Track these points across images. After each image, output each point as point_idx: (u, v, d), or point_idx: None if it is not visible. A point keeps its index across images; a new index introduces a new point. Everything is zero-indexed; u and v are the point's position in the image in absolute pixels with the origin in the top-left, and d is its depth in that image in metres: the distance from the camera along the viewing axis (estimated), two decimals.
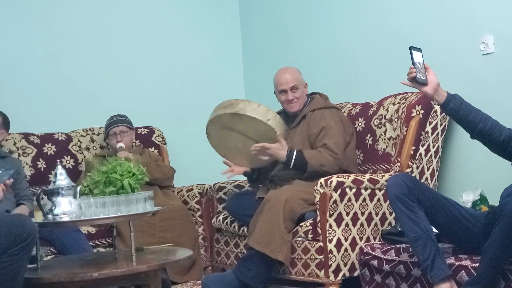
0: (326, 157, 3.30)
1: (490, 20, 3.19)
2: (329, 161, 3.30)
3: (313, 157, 3.31)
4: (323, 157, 3.31)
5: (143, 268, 2.60)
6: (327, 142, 3.34)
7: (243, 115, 3.30)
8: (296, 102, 3.51)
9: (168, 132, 4.50)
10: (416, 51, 2.47)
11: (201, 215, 3.99)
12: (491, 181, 3.04)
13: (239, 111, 3.30)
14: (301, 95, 3.51)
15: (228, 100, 3.38)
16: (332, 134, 3.36)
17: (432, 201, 2.54)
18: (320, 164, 3.29)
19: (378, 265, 2.88)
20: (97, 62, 4.44)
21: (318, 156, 3.31)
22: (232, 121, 3.35)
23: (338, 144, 3.34)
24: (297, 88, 3.50)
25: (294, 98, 3.50)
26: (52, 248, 3.41)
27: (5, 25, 4.19)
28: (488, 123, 2.45)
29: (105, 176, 2.73)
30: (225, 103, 3.38)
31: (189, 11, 4.80)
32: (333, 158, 3.30)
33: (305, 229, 3.16)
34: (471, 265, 2.46)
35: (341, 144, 3.37)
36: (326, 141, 3.34)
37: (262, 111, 3.31)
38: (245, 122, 3.33)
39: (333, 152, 3.31)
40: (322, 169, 3.29)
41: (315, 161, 3.30)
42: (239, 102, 3.33)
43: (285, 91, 3.50)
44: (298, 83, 3.50)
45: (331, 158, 3.30)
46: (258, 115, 3.29)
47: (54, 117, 4.26)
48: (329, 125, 3.38)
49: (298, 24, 4.42)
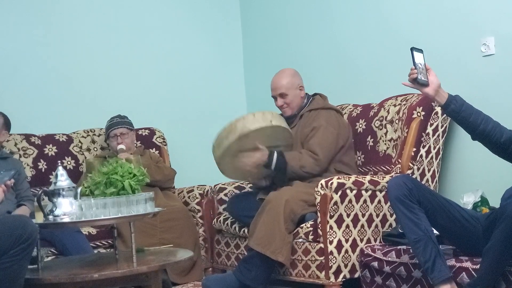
0: (306, 158, 3.31)
1: (491, 21, 3.19)
2: (309, 162, 3.30)
3: (293, 159, 3.32)
4: (303, 158, 3.32)
5: (143, 269, 2.60)
6: (311, 142, 3.34)
7: (249, 133, 3.28)
8: (286, 107, 3.52)
9: (168, 133, 4.50)
10: (417, 52, 2.47)
11: (201, 216, 3.99)
12: (492, 183, 3.04)
13: (243, 132, 3.26)
14: (292, 99, 3.50)
15: (223, 130, 3.31)
16: (319, 135, 3.35)
17: (432, 203, 2.54)
18: (300, 166, 3.31)
19: (378, 266, 2.88)
20: (98, 63, 4.44)
21: (298, 158, 3.32)
22: (240, 145, 3.31)
23: (322, 145, 3.33)
24: (286, 94, 3.49)
25: (284, 104, 3.51)
26: (53, 249, 3.41)
27: (6, 26, 4.19)
28: (489, 124, 2.45)
29: (106, 177, 2.73)
30: (223, 134, 3.31)
31: (190, 12, 4.80)
32: (313, 159, 3.31)
33: (306, 230, 3.16)
34: (471, 266, 2.46)
35: (327, 146, 3.35)
36: (311, 141, 3.35)
37: (260, 118, 3.30)
38: (252, 137, 3.30)
39: (313, 153, 3.31)
40: (302, 170, 3.30)
41: (294, 162, 3.31)
42: (235, 123, 3.28)
43: (275, 97, 3.52)
44: (287, 89, 3.49)
45: (311, 159, 3.31)
46: (260, 123, 3.29)
47: (55, 118, 4.26)
48: (319, 126, 3.37)
49: (299, 25, 4.42)
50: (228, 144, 3.30)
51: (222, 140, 3.32)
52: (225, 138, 3.30)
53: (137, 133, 4.25)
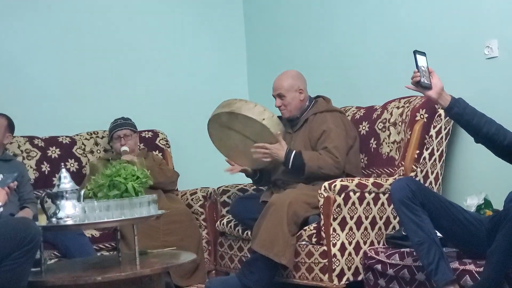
0: (326, 160, 3.30)
1: (495, 24, 3.19)
2: (329, 163, 3.29)
3: (311, 159, 3.31)
4: (322, 159, 3.30)
5: (146, 271, 2.60)
6: (328, 145, 3.33)
7: (239, 114, 3.32)
8: (284, 109, 3.52)
9: (172, 136, 4.50)
10: (420, 55, 2.47)
11: (205, 218, 3.99)
12: (496, 185, 3.03)
13: (235, 110, 3.33)
14: (290, 102, 3.50)
15: (227, 100, 3.43)
16: (333, 138, 3.35)
17: (436, 205, 2.53)
18: (319, 166, 3.29)
19: (382, 269, 2.87)
20: (101, 65, 4.45)
21: (317, 158, 3.31)
22: (229, 120, 3.38)
23: (339, 148, 3.34)
24: (284, 95, 3.50)
25: (282, 105, 3.52)
26: (56, 252, 3.42)
27: (10, 29, 4.20)
28: (492, 127, 2.45)
29: (109, 180, 2.73)
30: (224, 102, 3.43)
31: (194, 14, 4.81)
32: (333, 161, 3.30)
33: (309, 233, 3.16)
34: (475, 269, 2.45)
35: (342, 148, 3.36)
36: (326, 144, 3.34)
37: (258, 111, 3.32)
38: (241, 122, 3.35)
39: (333, 155, 3.31)
40: (320, 171, 3.29)
41: (313, 162, 3.30)
42: (237, 101, 3.37)
43: (275, 97, 3.54)
44: (285, 91, 3.49)
45: (331, 161, 3.30)
46: (254, 114, 3.31)
47: (58, 120, 4.27)
48: (330, 129, 3.37)
49: (302, 27, 4.42)
50: (219, 111, 3.41)
51: (219, 107, 3.45)
52: (221, 106, 3.43)
53: (140, 135, 4.25)
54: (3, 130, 3.68)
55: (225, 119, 3.39)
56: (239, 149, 3.51)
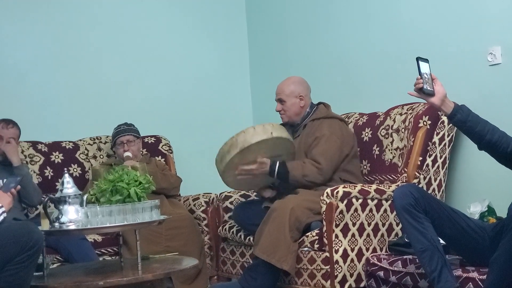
0: (309, 168, 3.32)
1: (498, 31, 3.19)
2: (312, 171, 3.31)
3: (295, 168, 3.34)
4: (306, 167, 3.32)
5: (148, 277, 2.60)
6: (314, 152, 3.35)
7: (250, 146, 3.29)
8: (283, 114, 3.55)
9: (174, 141, 4.50)
10: (423, 62, 2.47)
11: (207, 224, 3.98)
12: (499, 193, 3.03)
13: (244, 145, 3.29)
14: (289, 107, 3.52)
15: (225, 144, 3.35)
16: (322, 144, 3.36)
17: (439, 212, 2.53)
18: (303, 175, 3.32)
19: (384, 276, 2.87)
20: (104, 71, 4.46)
21: (301, 167, 3.33)
22: (242, 158, 3.33)
23: (326, 154, 3.34)
24: (284, 101, 3.52)
25: (281, 110, 3.55)
26: (58, 256, 3.42)
27: (14, 34, 4.22)
28: (495, 134, 2.45)
29: (112, 185, 2.73)
30: (225, 148, 3.35)
31: (196, 21, 4.82)
32: (316, 168, 3.31)
33: (311, 239, 3.15)
34: (478, 277, 2.44)
35: (331, 155, 3.35)
36: (314, 151, 3.36)
37: (260, 130, 3.31)
38: (254, 150, 3.32)
39: (316, 162, 3.32)
40: (305, 179, 3.31)
41: (296, 171, 3.32)
42: (236, 137, 3.31)
43: (276, 102, 3.56)
44: (286, 96, 3.51)
45: (314, 168, 3.31)
46: (261, 136, 3.30)
47: (61, 125, 4.28)
48: (322, 135, 3.38)
49: (305, 33, 4.43)
50: (230, 158, 3.32)
51: (224, 154, 3.35)
52: (227, 152, 3.33)
53: (143, 141, 4.26)
54: (17, 140, 3.71)
55: (238, 160, 3.34)
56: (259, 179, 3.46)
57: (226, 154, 3.34)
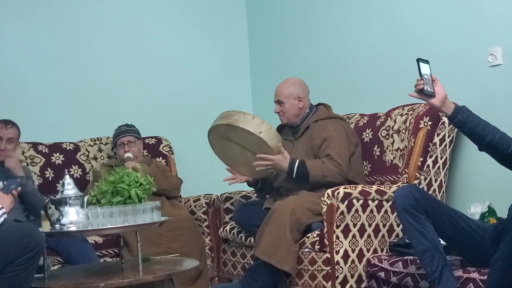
0: (329, 167, 3.30)
1: (498, 31, 3.19)
2: (332, 171, 3.30)
3: (315, 168, 3.31)
4: (325, 167, 3.31)
5: (149, 278, 2.60)
6: (330, 153, 3.34)
7: (236, 127, 3.33)
8: (282, 115, 3.56)
9: (175, 142, 4.51)
10: (423, 63, 2.47)
11: (208, 225, 3.99)
12: (500, 193, 3.03)
13: (233, 123, 3.33)
14: (287, 109, 3.52)
15: (227, 111, 3.42)
16: (335, 145, 3.36)
17: (439, 213, 2.53)
18: (323, 175, 3.30)
19: (385, 277, 2.87)
20: (105, 72, 4.47)
21: (321, 167, 3.31)
22: (227, 132, 3.39)
23: (341, 155, 3.34)
24: (283, 102, 3.52)
25: (280, 112, 3.55)
26: (59, 258, 3.42)
27: (14, 35, 4.22)
28: (496, 135, 2.45)
29: (113, 186, 2.73)
30: (223, 114, 3.43)
31: (197, 21, 4.82)
32: (337, 169, 3.30)
33: (312, 240, 3.15)
34: (479, 277, 2.44)
35: (345, 155, 3.36)
36: (329, 152, 3.35)
37: (255, 124, 3.32)
38: (239, 134, 3.35)
39: (336, 162, 3.31)
40: (325, 180, 3.29)
41: (316, 171, 3.30)
42: (235, 113, 3.36)
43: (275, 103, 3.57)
44: (284, 97, 3.52)
45: (334, 169, 3.30)
46: (251, 127, 3.31)
47: (62, 126, 4.28)
48: (331, 136, 3.38)
49: (306, 34, 4.43)
50: (218, 123, 3.41)
51: (218, 118, 3.45)
52: (220, 118, 3.43)
53: (144, 142, 4.26)
54: (17, 140, 3.70)
55: (223, 130, 3.40)
56: (239, 159, 3.52)
57: (219, 119, 3.44)
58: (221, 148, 3.55)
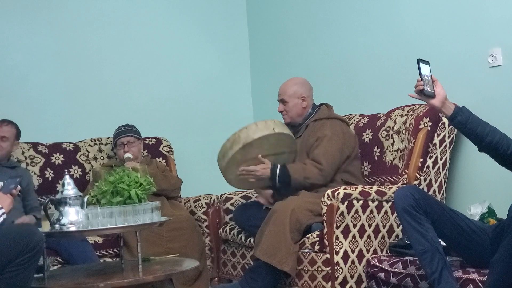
0: (311, 169, 3.32)
1: (498, 32, 3.19)
2: (314, 173, 3.31)
3: (296, 171, 3.33)
4: (307, 169, 3.32)
5: (149, 278, 2.60)
6: (315, 153, 3.35)
7: (252, 141, 3.30)
8: (285, 114, 3.56)
9: (175, 143, 4.51)
10: (423, 64, 2.47)
11: (208, 225, 3.98)
12: (499, 194, 3.03)
13: (247, 141, 3.30)
14: (291, 108, 3.52)
15: (227, 141, 3.36)
16: (324, 145, 3.36)
17: (439, 214, 2.53)
18: (304, 177, 3.32)
19: (385, 277, 2.87)
20: (105, 72, 4.47)
21: (302, 170, 3.33)
22: (245, 154, 3.34)
23: (327, 155, 3.34)
24: (286, 101, 3.53)
25: (283, 111, 3.56)
26: (59, 258, 3.42)
27: (15, 36, 4.22)
28: (496, 136, 2.45)
29: (113, 186, 2.74)
30: (228, 145, 3.35)
31: (197, 22, 4.82)
32: (318, 170, 3.31)
33: (312, 240, 3.15)
34: (479, 278, 2.44)
35: (332, 155, 3.35)
36: (316, 151, 3.36)
37: (262, 126, 3.33)
38: (256, 146, 3.33)
39: (317, 163, 3.32)
40: (307, 181, 3.31)
41: (298, 174, 3.32)
42: (239, 133, 3.32)
43: (279, 102, 3.57)
44: (288, 97, 3.52)
45: (316, 170, 3.31)
46: (263, 131, 3.31)
47: (62, 126, 4.28)
48: (324, 135, 3.38)
49: (306, 34, 4.43)
50: (232, 154, 3.33)
51: (226, 150, 3.35)
52: (229, 148, 3.34)
53: (144, 142, 4.26)
54: (13, 139, 3.69)
55: (240, 156, 3.34)
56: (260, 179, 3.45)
57: (229, 151, 3.34)
58: (239, 178, 3.44)
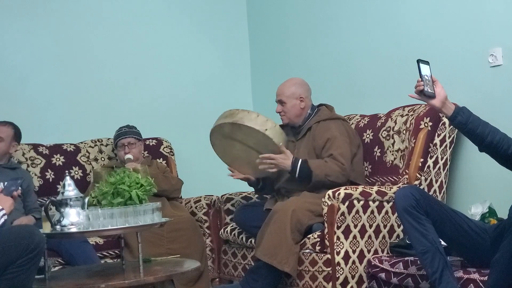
0: (332, 167, 3.30)
1: (499, 32, 3.19)
2: (335, 171, 3.29)
3: (318, 167, 3.31)
4: (329, 167, 3.30)
5: (150, 279, 2.60)
6: (333, 153, 3.33)
7: (242, 125, 3.33)
8: (283, 115, 3.55)
9: (176, 144, 4.51)
10: (423, 64, 2.47)
11: (208, 226, 3.99)
12: (500, 194, 3.03)
13: (238, 121, 3.34)
14: (289, 109, 3.52)
15: (230, 110, 3.43)
16: (338, 145, 3.36)
17: (440, 214, 2.53)
18: (326, 174, 3.29)
19: (386, 278, 2.87)
20: (105, 73, 4.47)
21: (324, 166, 3.31)
22: (232, 131, 3.39)
23: (344, 155, 3.34)
24: (284, 102, 3.52)
25: (281, 111, 3.55)
26: (60, 259, 3.42)
27: (15, 37, 4.23)
28: (496, 136, 2.45)
29: (113, 187, 2.74)
30: (226, 113, 3.43)
31: (197, 23, 4.82)
32: (340, 168, 3.30)
33: (313, 241, 3.15)
34: (479, 278, 2.44)
35: (348, 155, 3.36)
36: (332, 152, 3.34)
37: (260, 121, 3.33)
38: (244, 132, 3.36)
39: (339, 162, 3.31)
40: (328, 179, 3.28)
41: (319, 170, 3.30)
42: (239, 112, 3.37)
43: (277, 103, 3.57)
44: (286, 97, 3.52)
45: (338, 168, 3.30)
46: (256, 125, 3.32)
47: (62, 128, 4.29)
48: (334, 136, 3.38)
49: (306, 35, 4.43)
50: (222, 122, 3.41)
51: (221, 117, 3.45)
52: (223, 117, 3.43)
53: (144, 143, 4.26)
54: (9, 140, 3.69)
55: (227, 129, 3.40)
56: (242, 158, 3.52)
57: (222, 118, 3.43)
58: (223, 148, 3.55)
